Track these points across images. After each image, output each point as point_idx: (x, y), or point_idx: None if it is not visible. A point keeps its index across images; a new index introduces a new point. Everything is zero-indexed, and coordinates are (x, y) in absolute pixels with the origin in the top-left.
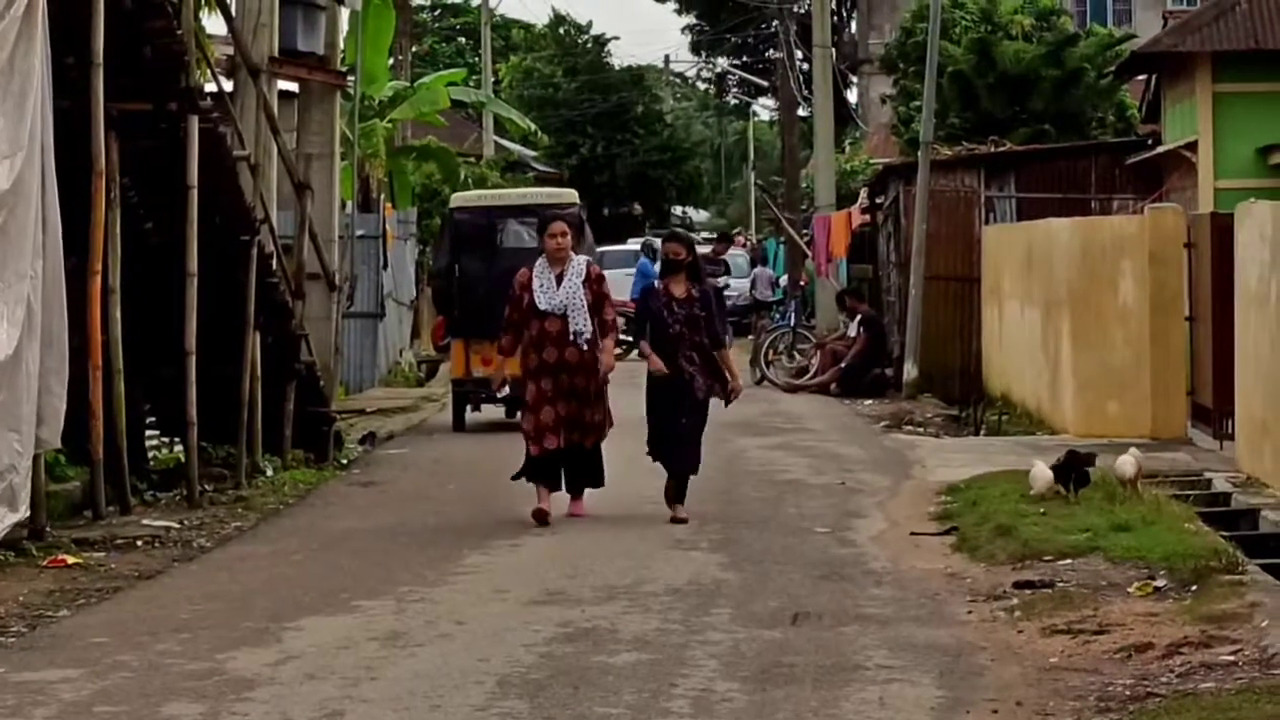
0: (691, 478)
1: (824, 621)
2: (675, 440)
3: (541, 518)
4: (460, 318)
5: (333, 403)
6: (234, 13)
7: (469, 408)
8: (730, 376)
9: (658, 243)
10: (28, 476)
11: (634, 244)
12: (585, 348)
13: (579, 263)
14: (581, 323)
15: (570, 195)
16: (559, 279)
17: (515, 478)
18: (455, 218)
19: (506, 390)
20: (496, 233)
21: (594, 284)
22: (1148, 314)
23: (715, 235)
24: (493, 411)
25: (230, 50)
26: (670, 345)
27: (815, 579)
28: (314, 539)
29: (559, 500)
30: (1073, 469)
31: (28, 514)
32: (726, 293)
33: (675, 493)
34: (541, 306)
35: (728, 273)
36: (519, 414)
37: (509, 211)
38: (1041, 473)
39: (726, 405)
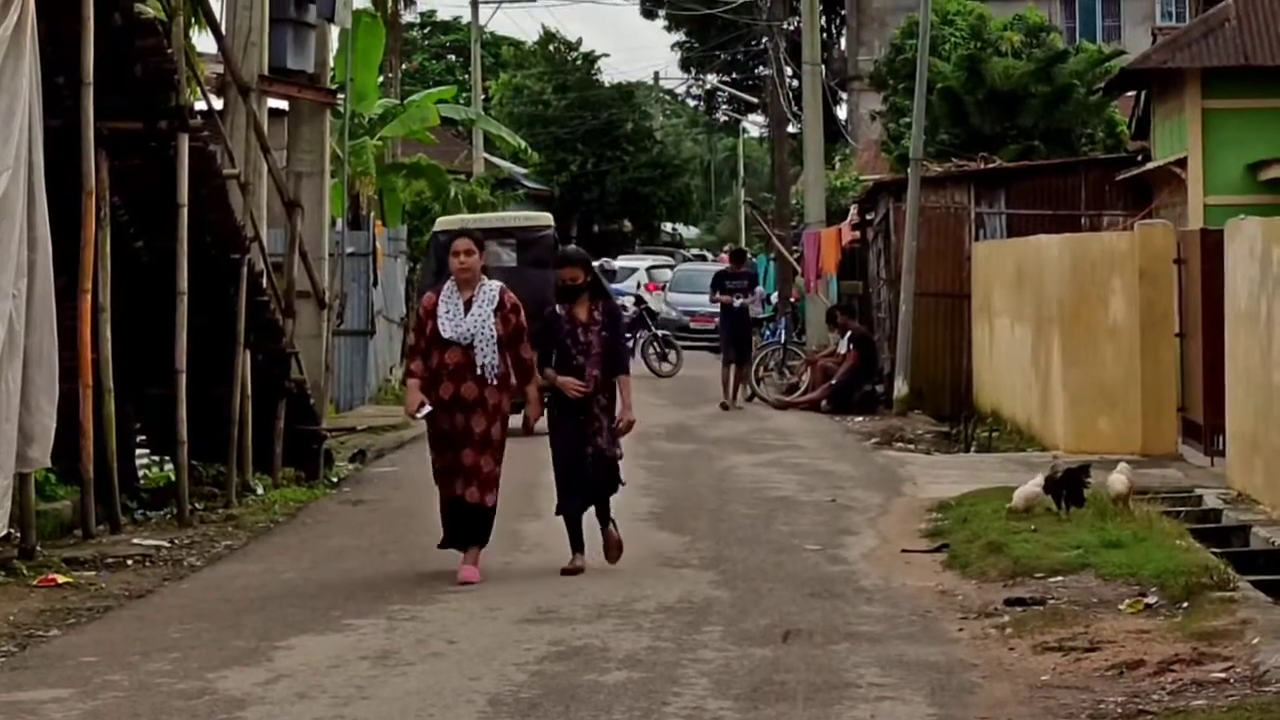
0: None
1: (815, 639)
2: (584, 473)
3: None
4: None
5: (323, 420)
6: (224, 31)
7: None
8: (623, 406)
9: (614, 264)
10: (6, 495)
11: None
12: (492, 383)
13: (491, 288)
14: (489, 355)
15: (545, 219)
16: (467, 305)
17: (442, 545)
18: (440, 240)
19: (427, 409)
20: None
21: (508, 313)
22: (1138, 330)
23: (730, 251)
24: None
25: (220, 68)
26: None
27: (806, 596)
28: (305, 557)
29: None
30: (1065, 485)
31: (15, 533)
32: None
33: (599, 512)
34: (445, 335)
35: (752, 289)
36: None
37: (489, 234)
38: (1026, 490)
39: (615, 436)
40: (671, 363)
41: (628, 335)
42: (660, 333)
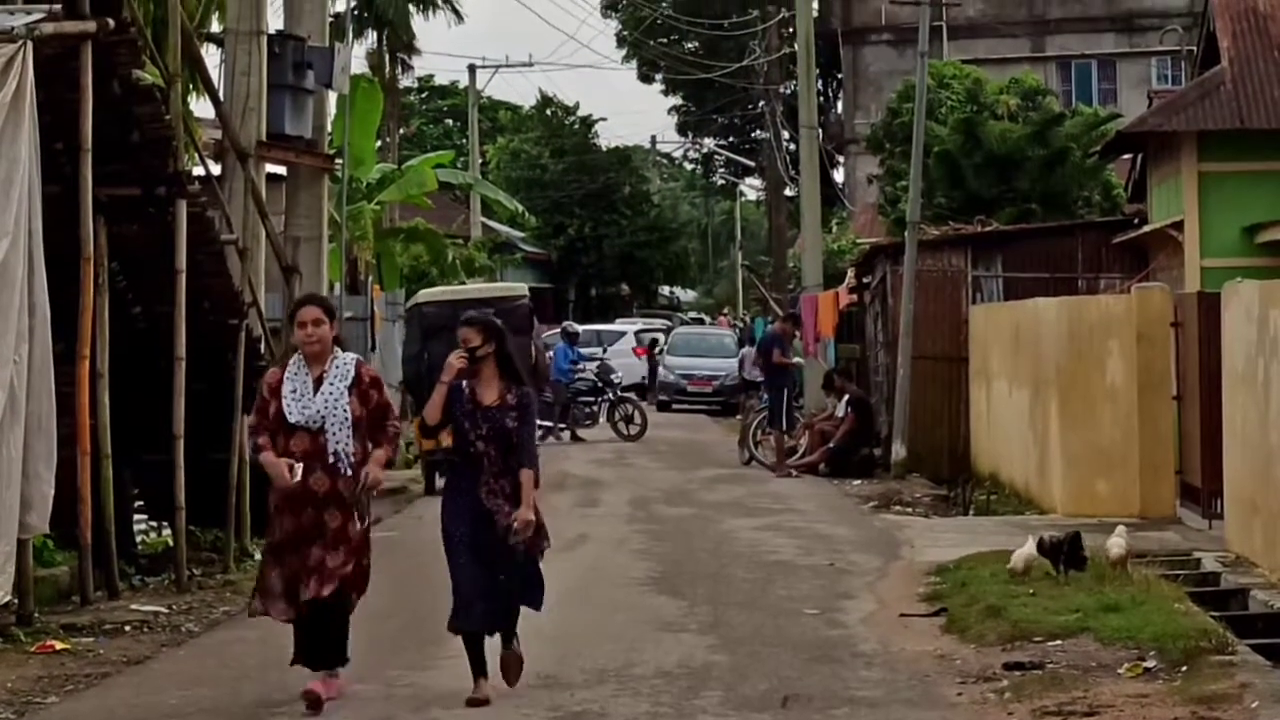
0: (533, 615)
1: (814, 704)
2: (490, 595)
3: (312, 701)
4: (428, 397)
5: None
6: (222, 97)
7: (438, 474)
8: (523, 505)
9: (577, 327)
10: (9, 561)
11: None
12: (347, 474)
13: (345, 361)
14: (343, 440)
15: (520, 289)
16: (317, 383)
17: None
18: (423, 310)
19: (300, 467)
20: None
21: (367, 389)
22: (1135, 393)
23: (787, 315)
24: None
25: (219, 134)
26: (472, 468)
27: (805, 661)
28: None
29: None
30: (1064, 548)
31: (9, 598)
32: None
33: (504, 634)
34: (291, 419)
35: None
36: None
37: (468, 304)
38: (1023, 554)
39: (513, 542)
40: (638, 424)
41: (590, 400)
42: (623, 395)
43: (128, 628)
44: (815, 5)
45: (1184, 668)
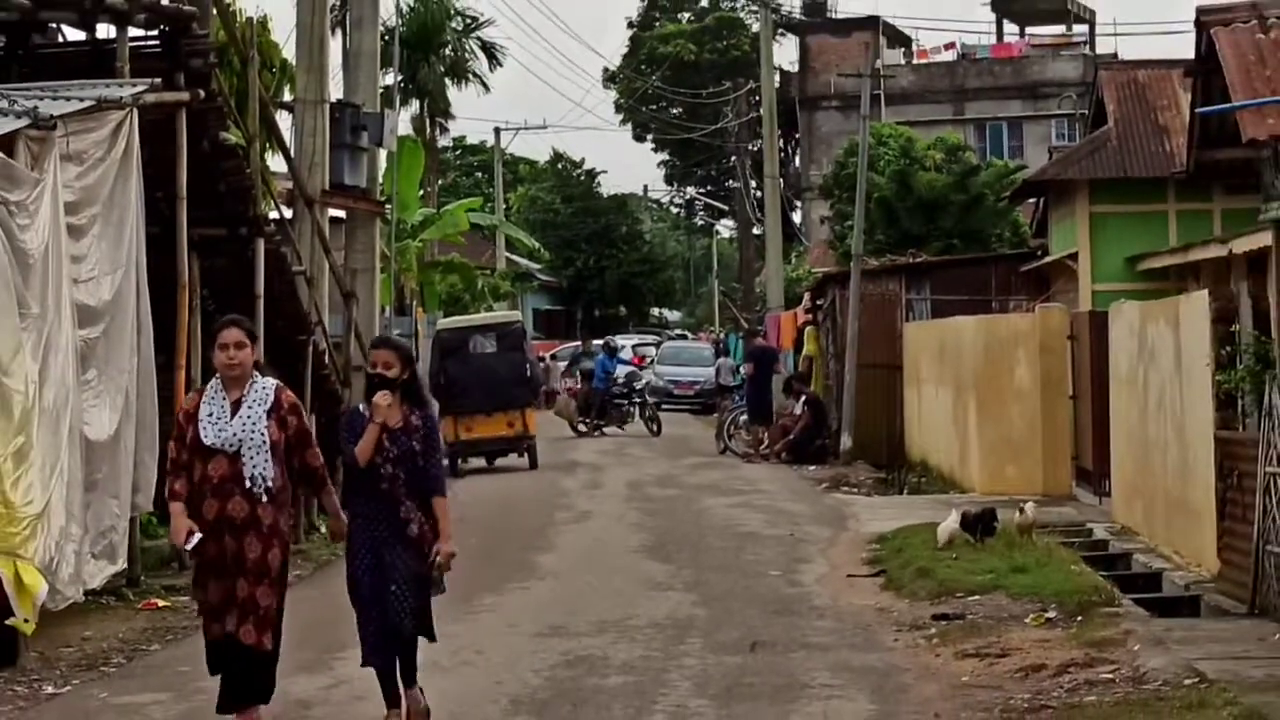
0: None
1: (776, 648)
2: (390, 615)
3: None
4: (447, 402)
5: None
6: (293, 154)
7: (459, 460)
8: (442, 535)
9: (620, 341)
10: (125, 535)
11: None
12: (264, 500)
13: (265, 386)
14: (261, 465)
15: (515, 315)
16: (235, 406)
17: (221, 709)
18: (441, 336)
19: (197, 537)
20: (468, 344)
21: (286, 414)
22: (1039, 393)
23: (749, 330)
24: (475, 461)
25: (290, 184)
26: (381, 495)
27: (769, 614)
28: None
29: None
30: (980, 521)
31: (125, 565)
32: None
33: (403, 670)
34: (207, 441)
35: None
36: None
37: (475, 329)
38: (946, 527)
39: (435, 588)
40: (660, 425)
41: (622, 402)
42: (650, 399)
43: None
44: (776, 78)
45: (1079, 618)
